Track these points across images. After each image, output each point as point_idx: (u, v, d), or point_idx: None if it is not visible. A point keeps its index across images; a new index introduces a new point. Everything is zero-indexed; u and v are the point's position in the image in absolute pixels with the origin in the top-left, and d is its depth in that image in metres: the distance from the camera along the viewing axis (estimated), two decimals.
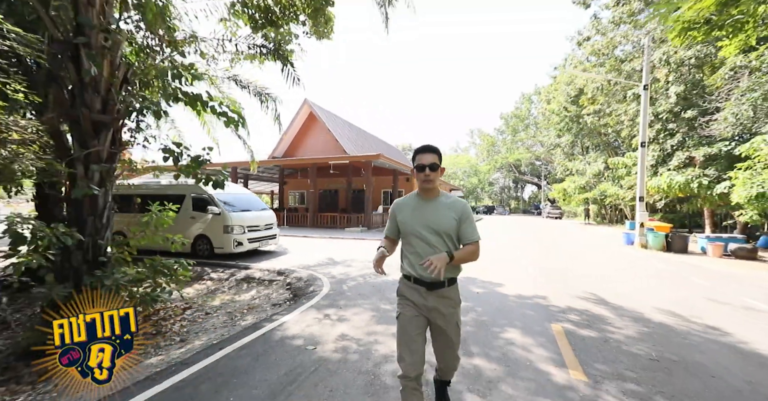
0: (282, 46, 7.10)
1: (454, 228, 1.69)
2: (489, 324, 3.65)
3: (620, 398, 2.27)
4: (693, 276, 6.60)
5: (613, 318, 3.89)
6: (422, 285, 1.71)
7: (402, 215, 1.80)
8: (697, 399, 2.28)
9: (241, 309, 4.86)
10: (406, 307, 1.77)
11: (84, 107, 3.87)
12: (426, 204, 1.76)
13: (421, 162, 1.70)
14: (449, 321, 1.74)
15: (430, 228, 1.69)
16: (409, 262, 1.76)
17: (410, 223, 1.75)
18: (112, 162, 4.21)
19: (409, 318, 1.73)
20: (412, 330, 1.70)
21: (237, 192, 9.63)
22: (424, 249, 1.70)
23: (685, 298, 4.86)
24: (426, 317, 1.74)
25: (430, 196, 1.78)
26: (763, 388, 2.43)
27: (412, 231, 1.74)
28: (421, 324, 1.73)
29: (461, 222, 1.70)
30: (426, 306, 1.72)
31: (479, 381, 2.47)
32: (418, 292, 1.73)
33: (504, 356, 2.88)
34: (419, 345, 1.69)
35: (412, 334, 1.69)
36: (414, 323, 1.72)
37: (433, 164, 1.68)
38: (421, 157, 1.71)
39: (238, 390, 2.38)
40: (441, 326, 1.74)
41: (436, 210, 1.72)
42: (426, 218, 1.71)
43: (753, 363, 2.83)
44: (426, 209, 1.74)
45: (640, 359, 2.85)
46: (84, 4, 3.82)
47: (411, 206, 1.80)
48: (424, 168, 1.68)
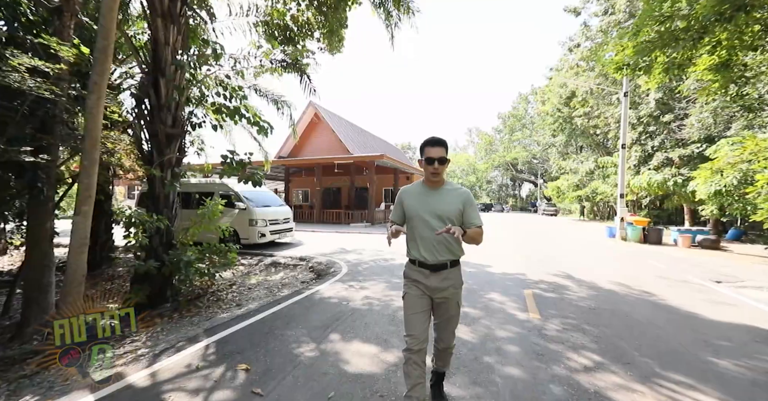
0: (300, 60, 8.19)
1: (458, 213, 1.80)
2: (476, 289, 4.78)
3: (560, 326, 3.39)
4: (654, 261, 7.74)
5: (572, 287, 5.02)
6: (426, 268, 1.83)
7: (408, 201, 1.89)
8: (611, 326, 3.41)
9: (277, 285, 5.96)
10: (411, 288, 1.88)
11: (160, 123, 4.96)
12: (432, 192, 1.86)
13: (430, 155, 1.77)
14: (451, 300, 1.87)
15: (435, 214, 1.79)
16: (415, 247, 1.87)
17: (416, 209, 1.84)
18: (179, 165, 5.30)
19: (414, 297, 1.85)
20: (417, 308, 1.83)
21: (257, 189, 10.72)
22: (429, 233, 1.80)
23: (637, 275, 6.00)
24: (430, 297, 1.85)
25: (436, 185, 1.87)
26: (657, 321, 3.57)
27: (417, 216, 1.83)
28: (425, 303, 1.85)
29: (465, 208, 1.81)
30: (430, 287, 1.83)
31: (466, 319, 3.58)
32: (423, 274, 1.84)
33: (485, 306, 4.01)
34: (423, 322, 1.82)
35: (417, 312, 1.82)
36: (418, 303, 1.84)
37: (441, 158, 1.76)
38: (430, 150, 1.77)
39: (301, 323, 3.50)
40: (443, 305, 1.87)
41: (442, 198, 1.83)
42: (432, 205, 1.81)
43: (660, 311, 3.97)
44: (432, 196, 1.84)
45: (581, 308, 3.98)
46: (162, 45, 4.91)
47: (417, 193, 1.89)
48: (433, 161, 1.76)
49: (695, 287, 5.23)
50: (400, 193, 1.95)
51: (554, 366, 2.55)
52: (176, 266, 4.69)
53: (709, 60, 3.22)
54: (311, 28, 8.07)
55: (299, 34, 8.05)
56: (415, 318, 1.81)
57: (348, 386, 2.28)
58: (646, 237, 11.78)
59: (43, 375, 2.52)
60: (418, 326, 1.79)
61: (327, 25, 7.97)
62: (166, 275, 4.71)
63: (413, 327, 1.79)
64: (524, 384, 2.30)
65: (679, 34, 3.18)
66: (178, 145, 5.23)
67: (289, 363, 2.59)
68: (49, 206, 4.17)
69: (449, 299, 1.86)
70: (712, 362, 2.66)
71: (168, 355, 2.78)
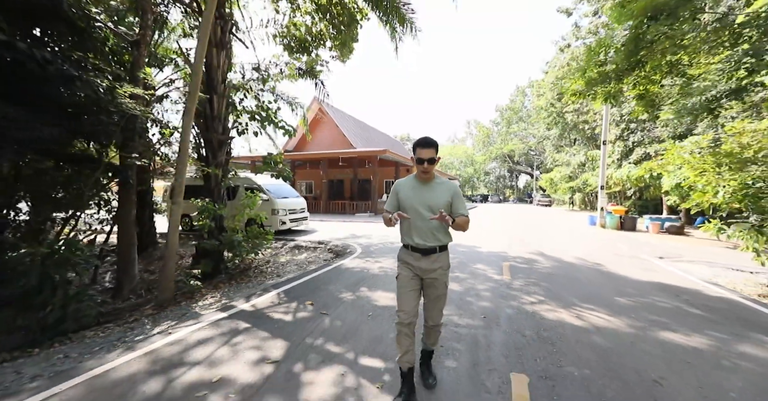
0: (314, 68, 9.34)
1: (447, 204, 2.00)
2: (466, 262, 6.14)
3: (522, 283, 4.75)
4: (621, 243, 9.12)
5: (542, 260, 6.39)
6: (417, 252, 2.03)
7: (403, 193, 2.08)
8: (558, 283, 4.76)
9: (304, 263, 7.29)
10: (404, 270, 2.10)
11: (214, 131, 6.20)
12: (423, 185, 2.06)
13: (420, 156, 1.95)
14: (439, 280, 2.05)
15: (427, 205, 1.99)
16: (408, 233, 2.07)
17: (410, 200, 2.02)
18: (227, 165, 6.57)
19: (406, 278, 2.06)
20: (408, 288, 2.05)
21: (276, 183, 11.98)
22: (421, 222, 2.01)
23: (598, 253, 7.37)
24: (420, 277, 2.06)
25: (427, 180, 2.08)
26: (594, 281, 4.93)
27: (411, 207, 2.01)
28: (416, 284, 2.06)
29: (453, 200, 2.02)
30: (420, 269, 2.03)
31: (456, 280, 4.93)
32: (414, 257, 2.04)
33: (471, 272, 5.37)
34: (413, 300, 2.04)
35: (408, 291, 2.04)
36: (410, 283, 2.05)
37: (431, 159, 1.95)
38: (421, 150, 1.96)
39: (336, 282, 4.84)
40: (432, 285, 2.06)
41: (433, 191, 2.03)
42: (424, 197, 2.01)
43: (600, 275, 5.33)
44: (424, 190, 2.04)
45: (542, 273, 5.34)
46: (215, 68, 6.10)
47: (410, 186, 2.09)
48: (423, 161, 1.95)
49: (639, 261, 6.60)
50: (395, 185, 2.16)
51: (511, 302, 3.90)
52: (230, 245, 6.01)
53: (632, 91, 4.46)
54: (324, 38, 9.22)
55: (313, 43, 9.21)
56: (407, 296, 2.04)
57: (379, 310, 3.62)
58: (622, 225, 13.17)
59: (164, 314, 3.80)
60: (409, 303, 2.02)
61: (339, 38, 9.12)
62: (221, 252, 6.04)
63: (404, 304, 2.03)
64: (490, 309, 3.66)
65: (611, 74, 4.40)
66: (226, 149, 6.51)
67: (338, 301, 3.94)
68: (133, 197, 5.47)
69: (437, 279, 2.05)
70: (614, 299, 4.02)
71: (255, 297, 4.13)
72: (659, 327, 3.16)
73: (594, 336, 2.97)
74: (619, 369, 2.39)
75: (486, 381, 2.24)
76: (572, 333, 3.03)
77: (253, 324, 3.23)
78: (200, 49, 4.52)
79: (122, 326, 3.65)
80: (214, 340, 2.88)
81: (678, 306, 3.80)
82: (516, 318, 3.38)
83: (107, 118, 4.28)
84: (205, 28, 4.50)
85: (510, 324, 3.23)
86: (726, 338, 2.94)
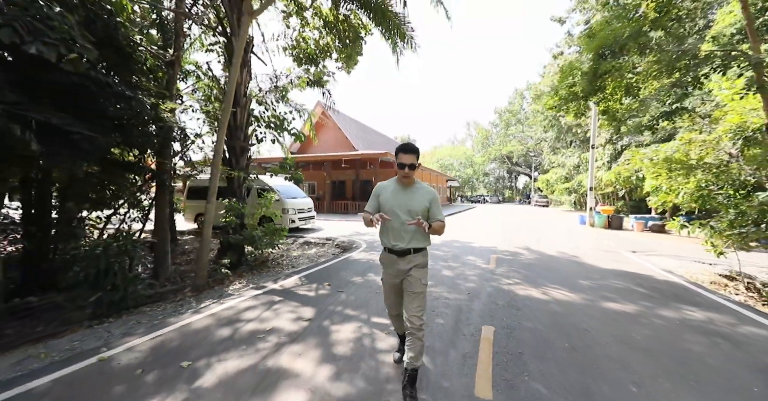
0: (322, 78, 10.19)
1: (425, 209, 2.10)
2: (459, 254, 6.99)
3: (505, 270, 5.59)
4: (603, 239, 9.96)
5: (526, 253, 7.24)
6: (394, 253, 2.14)
7: (384, 196, 2.16)
8: (535, 271, 5.60)
9: (315, 256, 8.14)
10: (386, 274, 2.26)
11: (237, 139, 7.04)
12: (404, 190, 2.15)
13: (402, 161, 2.06)
14: (414, 277, 2.14)
15: (405, 209, 2.07)
16: (386, 235, 2.16)
17: (390, 204, 2.11)
18: (248, 169, 7.42)
19: (387, 284, 2.28)
20: (391, 292, 2.29)
21: (284, 184, 12.85)
22: (398, 225, 2.10)
23: (579, 247, 8.21)
24: (400, 279, 2.19)
25: (408, 185, 2.17)
26: (567, 269, 5.76)
27: (390, 209, 2.08)
28: (396, 286, 2.23)
29: (431, 205, 2.12)
30: (399, 269, 2.15)
31: (449, 268, 5.77)
32: (391, 259, 2.16)
33: (463, 262, 6.21)
34: (396, 299, 2.30)
35: (391, 294, 2.30)
36: (392, 288, 2.26)
37: (411, 164, 2.06)
38: (402, 156, 2.06)
39: (347, 270, 5.68)
40: (408, 281, 2.15)
41: (413, 196, 2.12)
42: (403, 201, 2.09)
43: (574, 264, 6.17)
44: (404, 194, 2.13)
45: (524, 263, 6.18)
46: (238, 84, 6.95)
47: (391, 189, 2.16)
48: (404, 167, 2.06)
49: (613, 254, 7.45)
50: (376, 188, 2.25)
51: (492, 283, 4.75)
52: (251, 239, 6.85)
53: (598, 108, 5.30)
54: (330, 50, 10.08)
55: (320, 55, 10.07)
56: (391, 298, 2.32)
57: None
58: (610, 224, 14.00)
59: (202, 295, 4.64)
60: (394, 301, 2.33)
61: (345, 51, 9.98)
62: (243, 246, 6.87)
63: (390, 302, 2.36)
64: (474, 288, 4.50)
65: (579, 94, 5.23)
66: (247, 155, 7.37)
67: (350, 283, 4.79)
68: (167, 197, 6.32)
69: (413, 276, 2.14)
70: (578, 281, 4.87)
71: (281, 280, 4.98)
72: (605, 300, 4.01)
73: (552, 305, 3.81)
74: (562, 324, 3.23)
75: (464, 330, 3.08)
76: (535, 303, 3.87)
77: (284, 298, 4.08)
78: (233, 73, 5.38)
79: (172, 303, 4.49)
80: (257, 307, 3.73)
81: (628, 287, 4.64)
82: (493, 294, 4.22)
83: (150, 129, 5.14)
84: (238, 55, 5.36)
85: (488, 297, 4.08)
86: (652, 306, 3.78)
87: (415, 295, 2.12)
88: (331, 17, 9.32)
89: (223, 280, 5.67)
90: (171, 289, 5.39)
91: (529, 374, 2.33)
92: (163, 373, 2.31)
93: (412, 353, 2.08)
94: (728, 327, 3.19)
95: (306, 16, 9.58)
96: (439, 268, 5.65)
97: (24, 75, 3.31)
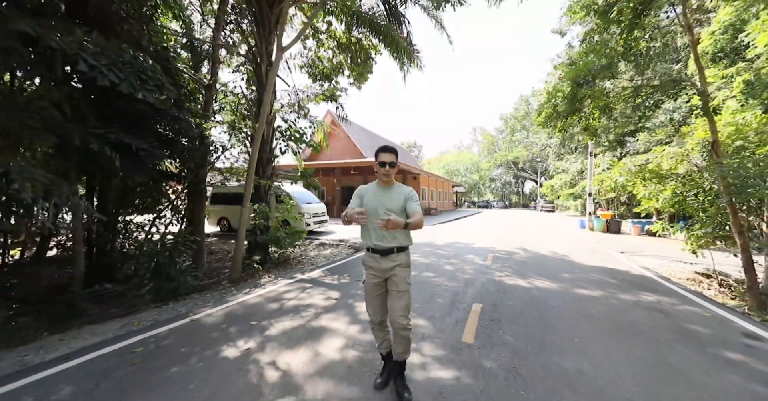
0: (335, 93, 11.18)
1: (402, 206, 2.22)
2: (460, 253, 7.83)
3: (499, 265, 6.41)
4: (597, 242, 10.68)
5: (521, 253, 8.04)
6: (377, 253, 2.21)
7: (366, 197, 2.27)
8: (527, 266, 6.41)
9: (330, 256, 9.04)
10: (369, 276, 2.29)
11: (263, 152, 8.04)
12: (384, 190, 2.27)
13: (382, 159, 2.20)
14: (398, 276, 2.21)
15: (385, 208, 2.17)
16: (368, 236, 2.26)
17: (371, 203, 2.22)
18: (272, 177, 8.41)
19: (371, 285, 2.28)
20: (373, 293, 2.28)
21: (300, 190, 13.86)
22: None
23: (572, 248, 8.97)
24: (383, 278, 2.24)
25: (387, 185, 2.28)
26: (555, 265, 6.55)
27: (372, 209, 2.19)
28: (380, 287, 2.26)
29: (407, 201, 2.23)
30: (381, 269, 2.22)
31: (450, 264, 6.61)
32: (375, 259, 2.23)
33: (462, 260, 7.05)
34: (379, 303, 2.28)
35: (373, 296, 2.28)
36: (374, 289, 2.27)
37: (392, 162, 2.20)
38: (382, 155, 2.20)
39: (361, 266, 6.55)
40: (393, 281, 2.22)
41: (392, 196, 2.25)
42: (384, 201, 2.21)
43: (563, 262, 6.96)
44: (384, 194, 2.25)
45: (517, 261, 7.00)
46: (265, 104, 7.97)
47: (372, 191, 2.28)
48: (385, 164, 2.19)
49: (602, 254, 8.20)
50: (358, 189, 2.33)
51: (487, 275, 5.58)
52: (276, 240, 7.80)
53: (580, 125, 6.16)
54: (342, 68, 11.12)
55: (333, 73, 11.10)
56: (373, 301, 2.28)
57: None
58: (608, 228, 14.66)
59: (240, 286, 5.57)
60: (375, 306, 2.28)
61: (357, 69, 11.01)
62: (267, 245, 7.81)
63: (371, 307, 2.29)
64: (470, 279, 5.34)
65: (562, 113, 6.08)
66: (272, 164, 8.36)
67: None
68: (203, 202, 7.30)
69: (396, 275, 2.19)
70: (561, 275, 5.68)
71: (307, 273, 5.90)
72: (578, 287, 4.83)
73: (533, 291, 4.65)
74: (536, 303, 4.07)
75: (458, 306, 3.95)
76: (519, 289, 4.71)
77: (313, 285, 4.99)
78: (266, 98, 6.39)
79: (216, 292, 5.41)
80: (293, 291, 4.64)
81: (603, 279, 5.44)
82: (486, 283, 5.07)
83: (195, 144, 6.15)
84: (270, 83, 6.37)
85: (481, 285, 4.93)
86: (616, 292, 4.59)
87: (400, 295, 2.18)
88: (344, 39, 10.39)
89: (254, 274, 6.60)
90: (210, 282, 6.34)
91: (502, 331, 3.19)
92: (240, 327, 3.23)
93: (400, 348, 2.25)
94: (670, 306, 3.98)
95: (321, 38, 10.65)
96: (441, 264, 6.51)
97: (105, 106, 4.29)
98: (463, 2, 7.88)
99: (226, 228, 13.15)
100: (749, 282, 4.59)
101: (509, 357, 2.69)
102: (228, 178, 9.62)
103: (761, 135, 4.49)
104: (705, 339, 3.05)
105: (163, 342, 2.97)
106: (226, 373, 2.43)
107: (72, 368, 2.56)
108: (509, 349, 2.82)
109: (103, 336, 3.18)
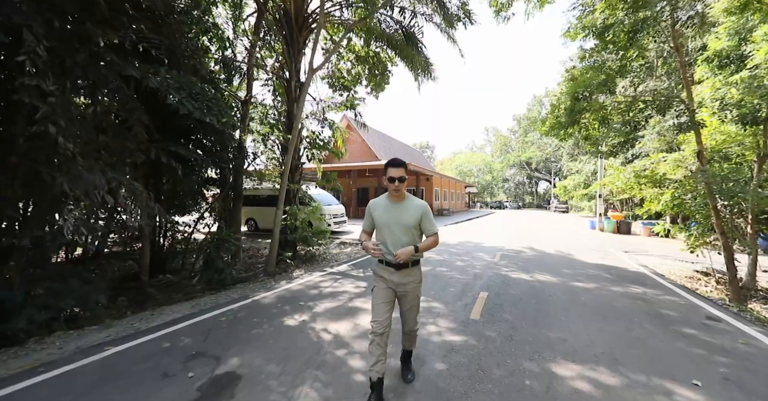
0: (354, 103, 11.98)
1: (417, 223, 2.23)
2: (471, 251, 8.52)
3: (507, 262, 7.08)
4: (604, 241, 11.15)
5: (528, 251, 8.66)
6: (390, 266, 2.24)
7: (377, 213, 2.30)
8: (533, 263, 7.05)
9: (351, 253, 9.87)
10: (379, 283, 2.30)
11: (292, 159, 8.92)
12: (395, 205, 2.27)
13: (391, 175, 2.19)
14: (411, 293, 2.28)
15: (399, 224, 2.20)
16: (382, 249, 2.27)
17: (383, 220, 2.24)
18: (299, 181, 9.29)
19: (380, 290, 2.27)
20: (382, 299, 2.25)
21: (321, 192, 14.77)
22: (392, 239, 2.22)
23: (578, 247, 9.52)
24: (394, 290, 2.27)
25: (398, 200, 2.28)
26: (558, 262, 7.18)
27: (384, 225, 2.24)
28: (390, 295, 2.26)
29: (422, 219, 2.24)
30: (393, 282, 2.24)
31: (461, 261, 7.31)
32: (389, 272, 2.25)
33: (473, 256, 7.75)
34: (386, 312, 2.23)
35: (381, 303, 2.23)
36: (383, 294, 2.26)
37: (401, 177, 2.17)
38: (391, 170, 2.19)
39: None
40: (405, 297, 2.30)
41: (405, 210, 2.25)
42: (396, 216, 2.22)
43: (566, 259, 7.55)
44: (396, 209, 2.25)
45: (523, 258, 7.64)
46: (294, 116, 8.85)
47: (383, 206, 2.30)
48: (394, 180, 2.18)
49: (605, 253, 8.74)
50: (369, 205, 2.38)
51: (494, 270, 6.28)
52: (303, 238, 8.66)
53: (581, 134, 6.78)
54: (360, 78, 11.94)
55: (352, 83, 11.94)
56: (380, 307, 2.22)
57: None
58: (618, 229, 15.00)
59: (276, 278, 6.42)
60: (382, 314, 2.21)
61: (374, 80, 11.82)
62: (296, 243, 8.67)
63: (378, 315, 2.21)
64: (479, 273, 6.04)
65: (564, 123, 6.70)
66: (300, 170, 9.26)
67: None
68: (240, 204, 8.20)
69: (409, 292, 2.26)
70: (561, 270, 6.31)
71: (336, 267, 6.73)
72: (575, 281, 5.47)
73: (534, 283, 5.33)
74: (536, 292, 4.76)
75: (468, 294, 4.68)
76: (522, 282, 5.40)
77: (342, 276, 5.81)
78: (298, 113, 7.25)
79: (257, 283, 6.27)
80: (327, 281, 5.46)
81: (599, 274, 6.05)
82: (493, 276, 5.77)
83: (234, 154, 7.02)
84: (302, 100, 7.23)
85: (488, 278, 5.63)
86: (608, 284, 5.22)
87: (411, 308, 2.35)
88: (363, 53, 11.22)
89: (286, 269, 7.47)
90: (248, 275, 7.24)
91: (503, 311, 3.92)
92: (292, 306, 4.07)
93: (408, 343, 2.52)
94: (653, 296, 4.61)
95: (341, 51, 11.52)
96: (453, 260, 7.23)
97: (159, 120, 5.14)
98: (474, 22, 8.56)
99: (253, 228, 14.15)
100: (730, 277, 5.15)
101: (507, 328, 3.41)
102: (259, 182, 10.58)
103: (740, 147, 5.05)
104: (672, 320, 3.69)
105: (239, 314, 3.83)
106: (292, 334, 3.25)
107: (184, 328, 3.45)
108: (507, 324, 3.54)
109: (181, 313, 4.05)
